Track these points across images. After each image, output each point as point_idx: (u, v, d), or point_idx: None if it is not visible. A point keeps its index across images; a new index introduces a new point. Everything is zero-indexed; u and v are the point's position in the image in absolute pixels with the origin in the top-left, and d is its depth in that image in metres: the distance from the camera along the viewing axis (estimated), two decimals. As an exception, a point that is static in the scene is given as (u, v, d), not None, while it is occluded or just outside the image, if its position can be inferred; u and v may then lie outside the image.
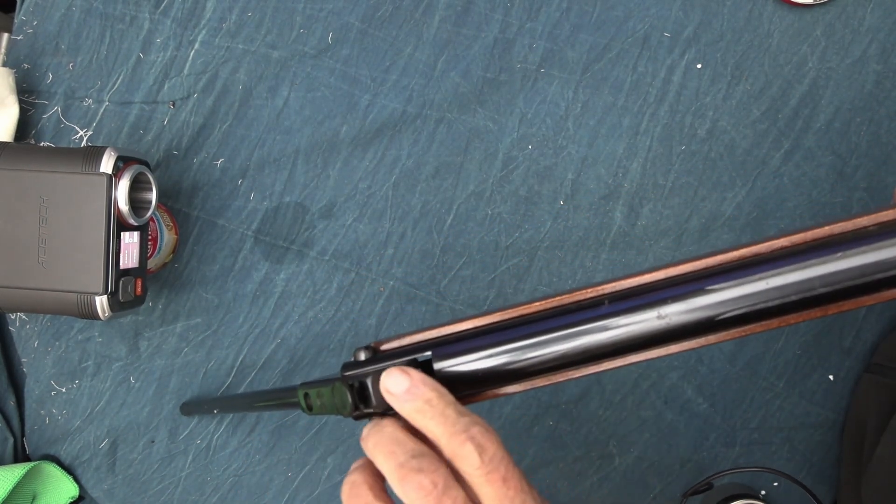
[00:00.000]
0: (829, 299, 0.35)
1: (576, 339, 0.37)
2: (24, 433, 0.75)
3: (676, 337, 0.36)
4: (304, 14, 0.69)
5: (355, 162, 0.70)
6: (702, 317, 0.35)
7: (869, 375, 0.67)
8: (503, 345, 0.37)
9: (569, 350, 0.37)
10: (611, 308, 0.36)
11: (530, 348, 0.37)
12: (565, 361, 0.37)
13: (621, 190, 0.69)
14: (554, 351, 0.37)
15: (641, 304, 0.36)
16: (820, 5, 0.66)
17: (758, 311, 0.35)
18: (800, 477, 0.71)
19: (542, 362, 0.37)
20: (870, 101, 0.67)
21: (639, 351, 0.37)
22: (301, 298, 0.71)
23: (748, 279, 0.35)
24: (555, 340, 0.37)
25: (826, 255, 0.34)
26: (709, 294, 0.35)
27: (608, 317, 0.36)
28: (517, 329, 0.38)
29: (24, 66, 0.70)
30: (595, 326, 0.36)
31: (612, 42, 0.68)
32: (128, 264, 0.59)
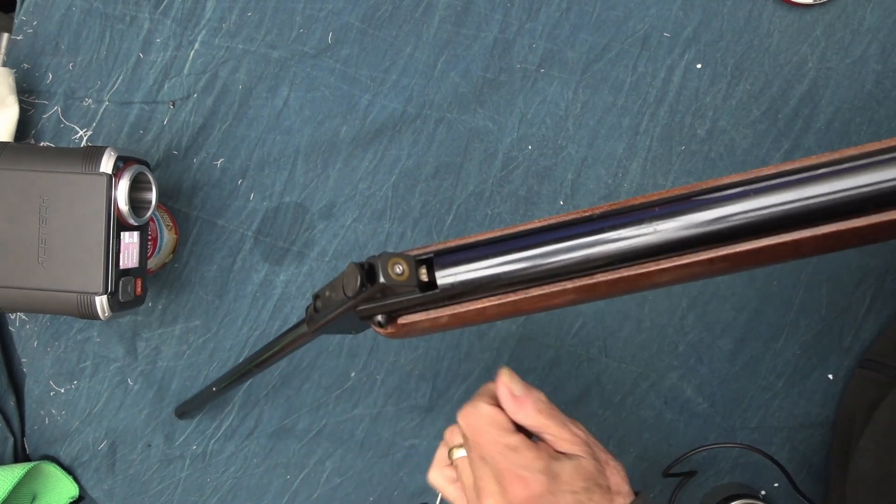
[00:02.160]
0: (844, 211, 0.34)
1: (565, 242, 0.38)
2: (24, 433, 0.75)
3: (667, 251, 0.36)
4: (304, 14, 0.69)
5: (355, 162, 0.70)
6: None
7: (861, 371, 0.67)
8: (502, 249, 0.39)
9: (559, 251, 0.38)
10: (603, 223, 0.37)
11: (525, 250, 0.39)
12: (558, 268, 0.38)
13: (621, 190, 0.69)
14: (547, 252, 0.38)
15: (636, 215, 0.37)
16: (820, 5, 0.66)
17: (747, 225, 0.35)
18: (800, 477, 0.71)
19: (538, 265, 0.38)
20: (870, 100, 0.67)
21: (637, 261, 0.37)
22: (301, 300, 0.71)
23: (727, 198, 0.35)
24: (548, 243, 0.38)
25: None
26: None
27: (601, 230, 0.37)
28: (514, 240, 0.39)
29: (24, 66, 0.70)
30: (585, 235, 0.38)
31: (612, 42, 0.68)
32: (128, 264, 0.59)
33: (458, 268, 0.40)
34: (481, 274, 0.39)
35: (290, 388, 0.72)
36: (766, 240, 0.35)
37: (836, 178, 0.34)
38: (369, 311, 0.41)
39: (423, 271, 0.40)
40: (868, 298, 0.68)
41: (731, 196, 0.35)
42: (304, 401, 0.73)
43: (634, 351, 0.70)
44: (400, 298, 0.40)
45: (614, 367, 0.71)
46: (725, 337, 0.69)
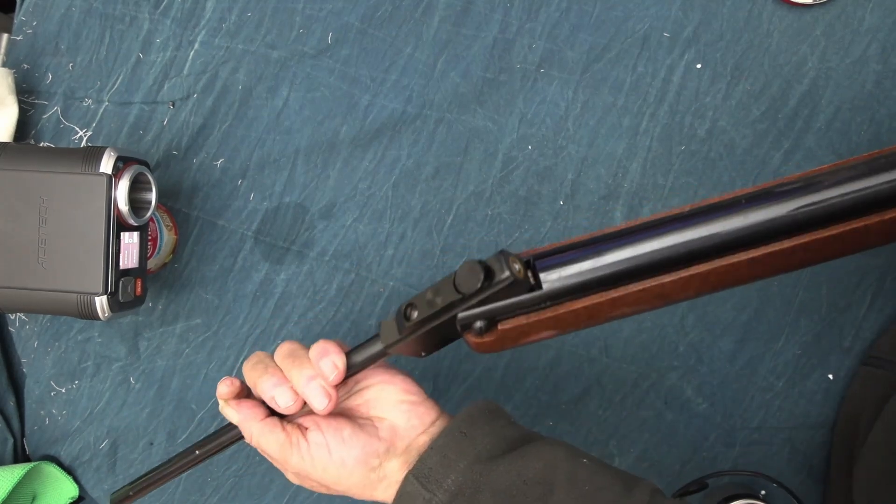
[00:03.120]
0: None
1: (658, 243, 0.41)
2: (24, 433, 0.75)
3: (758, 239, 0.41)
4: (304, 14, 0.69)
5: (355, 162, 0.70)
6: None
7: (866, 368, 0.67)
8: (598, 250, 0.41)
9: (644, 257, 0.41)
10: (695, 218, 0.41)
11: (619, 248, 0.41)
12: (653, 265, 0.41)
13: (621, 190, 0.69)
14: (643, 253, 0.41)
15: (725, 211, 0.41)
16: (820, 5, 0.66)
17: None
18: (800, 477, 0.71)
19: (631, 267, 0.41)
20: (870, 100, 0.67)
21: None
22: (301, 299, 0.71)
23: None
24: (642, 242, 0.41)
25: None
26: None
27: (693, 224, 0.41)
28: (608, 241, 0.42)
29: (24, 66, 0.70)
30: (677, 233, 0.41)
31: (612, 42, 0.68)
32: (128, 264, 0.59)
33: (559, 268, 0.41)
34: (582, 270, 0.41)
35: (291, 388, 0.72)
36: (842, 226, 0.40)
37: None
38: (472, 317, 0.41)
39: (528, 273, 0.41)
40: (868, 298, 0.68)
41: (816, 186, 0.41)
42: (304, 400, 0.73)
43: (635, 351, 0.70)
44: (504, 302, 0.41)
45: (615, 368, 0.71)
46: (726, 337, 0.69)
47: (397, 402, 0.50)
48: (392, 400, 0.50)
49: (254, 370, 0.49)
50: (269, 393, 0.48)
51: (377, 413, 0.50)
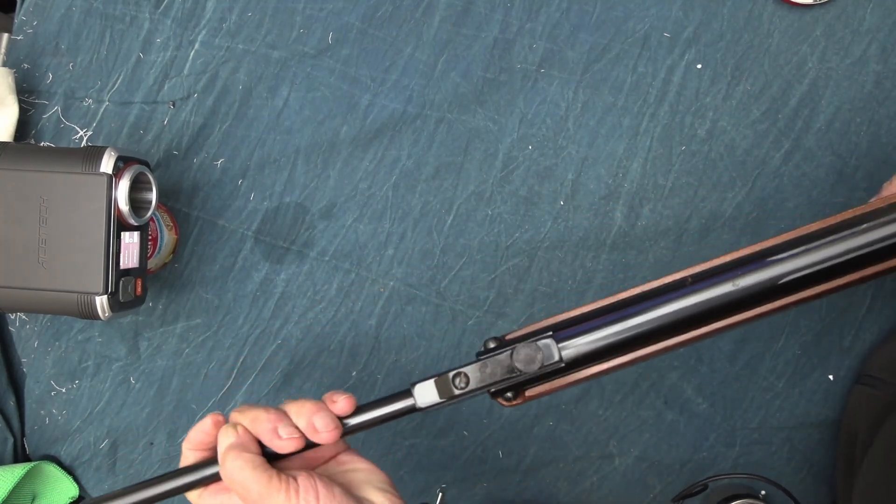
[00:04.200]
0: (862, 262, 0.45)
1: (669, 308, 0.46)
2: (24, 433, 0.75)
3: (748, 303, 0.45)
4: (304, 14, 0.69)
5: (355, 162, 0.70)
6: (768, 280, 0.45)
7: (860, 387, 0.67)
8: (611, 324, 0.46)
9: (665, 318, 0.46)
10: (693, 286, 0.46)
11: (633, 321, 0.46)
12: (662, 329, 0.46)
13: (621, 190, 0.69)
14: (652, 319, 0.46)
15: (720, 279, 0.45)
16: (820, 5, 0.66)
17: (810, 274, 0.45)
18: (800, 477, 0.71)
19: (644, 332, 0.46)
20: (870, 101, 0.67)
21: (719, 318, 0.46)
22: (301, 299, 0.71)
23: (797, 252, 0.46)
24: (653, 312, 0.46)
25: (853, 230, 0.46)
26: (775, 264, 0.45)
27: (695, 291, 0.46)
28: (619, 311, 0.46)
29: (24, 66, 0.70)
30: (685, 298, 0.46)
31: (612, 42, 0.68)
32: (128, 264, 0.59)
33: (577, 340, 0.46)
34: (599, 345, 0.46)
35: (292, 387, 0.72)
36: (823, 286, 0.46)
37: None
38: (505, 388, 0.47)
39: None
40: (868, 298, 0.68)
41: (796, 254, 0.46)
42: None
43: (634, 351, 0.70)
44: (531, 375, 0.46)
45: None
46: (725, 337, 0.69)
47: (383, 491, 0.48)
48: (378, 487, 0.49)
49: (249, 409, 0.47)
50: (269, 424, 0.46)
51: (364, 494, 0.48)
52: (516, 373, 0.45)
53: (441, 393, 0.47)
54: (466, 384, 0.46)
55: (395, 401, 0.48)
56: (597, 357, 0.46)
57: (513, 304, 0.70)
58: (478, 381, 0.46)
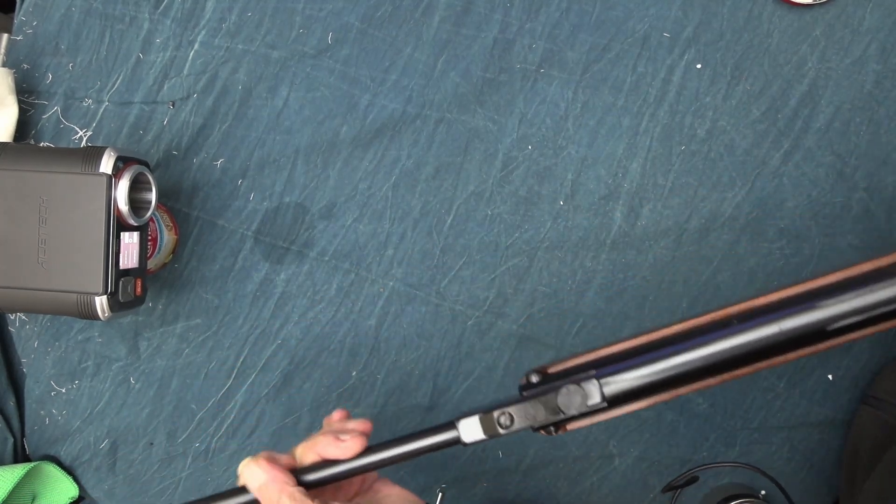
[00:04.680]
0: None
1: (713, 349, 0.45)
2: (24, 433, 0.75)
3: (792, 346, 0.44)
4: (304, 14, 0.69)
5: (355, 162, 0.70)
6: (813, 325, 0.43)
7: (866, 408, 0.67)
8: (654, 363, 0.46)
9: (707, 359, 0.45)
10: (739, 326, 0.45)
11: (675, 362, 0.45)
12: (705, 370, 0.45)
13: (621, 190, 0.69)
14: (696, 359, 0.45)
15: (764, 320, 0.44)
16: (820, 5, 0.66)
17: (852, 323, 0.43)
18: (800, 477, 0.71)
19: (685, 372, 0.45)
20: (869, 101, 0.67)
21: (763, 359, 0.45)
22: (301, 299, 0.71)
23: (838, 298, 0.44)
24: (695, 354, 0.45)
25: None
26: (819, 309, 0.44)
27: (739, 332, 0.44)
28: (663, 350, 0.46)
29: (24, 66, 0.70)
30: (730, 339, 0.45)
31: (612, 42, 0.68)
32: (128, 264, 0.59)
33: (620, 378, 0.46)
34: (641, 383, 0.46)
35: (292, 387, 0.73)
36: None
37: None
38: (549, 424, 0.47)
39: None
40: (868, 298, 0.68)
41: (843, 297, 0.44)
42: (305, 399, 0.73)
43: (634, 351, 0.70)
44: (575, 416, 0.47)
45: (614, 367, 0.71)
46: (725, 337, 0.69)
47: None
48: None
49: (300, 446, 0.50)
50: (328, 437, 0.49)
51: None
52: (560, 414, 0.46)
53: (486, 430, 0.48)
54: (511, 423, 0.47)
55: (438, 433, 0.49)
56: (638, 396, 0.46)
57: (513, 304, 0.70)
58: (522, 421, 0.47)
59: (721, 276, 0.69)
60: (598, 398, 0.46)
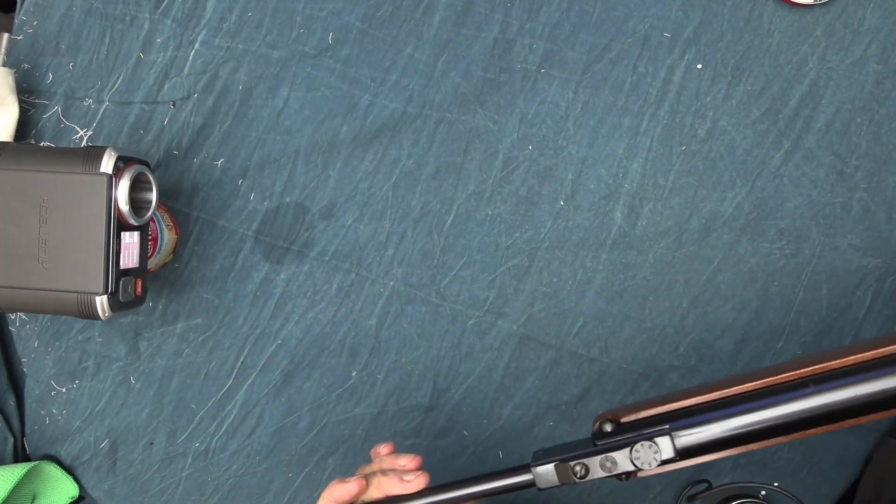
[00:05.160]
0: None
1: (789, 410, 0.46)
2: (24, 433, 0.75)
3: (868, 410, 0.45)
4: (304, 14, 0.69)
5: (355, 162, 0.70)
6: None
7: (892, 440, 0.67)
8: (727, 419, 0.47)
9: (782, 419, 0.46)
10: (816, 388, 0.45)
11: (750, 420, 0.46)
12: (776, 429, 0.46)
13: (621, 190, 0.69)
14: (768, 420, 0.46)
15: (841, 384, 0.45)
16: (820, 5, 0.66)
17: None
18: (800, 477, 0.71)
19: (759, 430, 0.46)
20: (870, 101, 0.67)
21: (840, 420, 0.46)
22: (301, 299, 0.71)
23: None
24: (770, 413, 0.46)
25: None
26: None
27: (815, 395, 0.45)
28: (737, 406, 0.47)
29: (24, 66, 0.70)
30: (806, 401, 0.46)
31: (612, 42, 0.68)
32: (128, 264, 0.59)
33: (693, 433, 0.47)
34: (713, 440, 0.47)
35: (292, 387, 0.73)
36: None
37: None
38: (623, 475, 0.48)
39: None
40: (868, 298, 0.68)
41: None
42: (305, 399, 0.73)
43: (635, 351, 0.70)
44: (648, 468, 0.48)
45: (615, 368, 0.71)
46: (726, 337, 0.69)
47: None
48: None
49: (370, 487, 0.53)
50: (393, 479, 0.52)
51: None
52: (633, 468, 0.47)
53: (561, 478, 0.49)
54: (586, 474, 0.49)
55: (512, 475, 0.51)
56: (709, 450, 0.47)
57: (513, 304, 0.70)
58: (596, 472, 0.48)
59: (721, 276, 0.69)
60: (671, 454, 0.47)
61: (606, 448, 0.48)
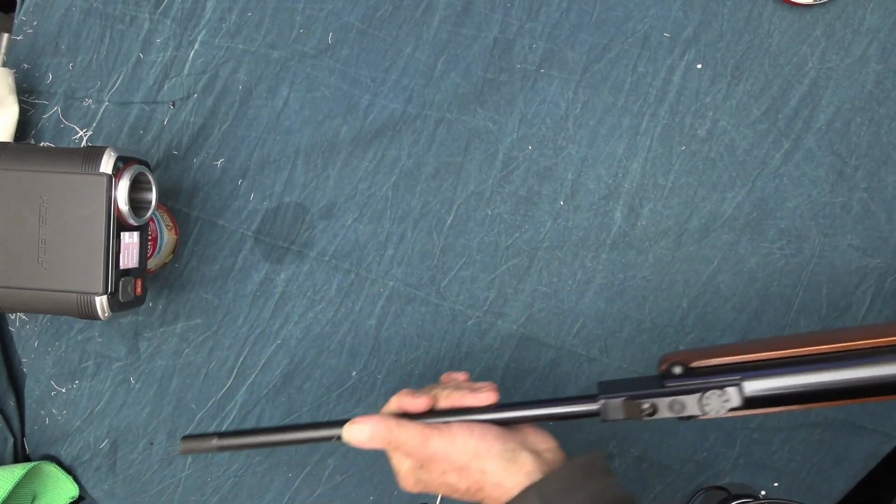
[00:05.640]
0: None
1: (855, 374, 0.47)
2: (24, 433, 0.75)
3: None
4: (304, 14, 0.69)
5: (355, 162, 0.70)
6: None
7: None
8: (798, 376, 0.48)
9: (855, 382, 0.47)
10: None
11: (818, 378, 0.48)
12: (843, 392, 0.47)
13: (621, 190, 0.69)
14: (836, 381, 0.47)
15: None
16: (820, 5, 0.66)
17: None
18: (800, 477, 0.71)
19: (829, 390, 0.48)
20: (870, 101, 0.67)
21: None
22: (301, 299, 0.71)
23: None
24: (837, 374, 0.48)
25: None
26: None
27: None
28: (810, 365, 0.48)
29: (24, 66, 0.70)
30: (879, 369, 0.47)
31: (612, 42, 0.68)
32: (128, 264, 0.59)
33: (761, 385, 0.49)
34: (779, 394, 0.48)
35: (292, 387, 0.73)
36: None
37: None
38: (689, 417, 0.50)
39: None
40: (868, 298, 0.68)
41: None
42: (305, 399, 0.73)
43: (635, 351, 0.70)
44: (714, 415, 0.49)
45: (615, 368, 0.71)
46: (726, 337, 0.69)
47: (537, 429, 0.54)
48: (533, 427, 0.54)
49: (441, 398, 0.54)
50: (463, 391, 0.53)
51: (520, 428, 0.54)
52: (701, 413, 0.49)
53: (627, 413, 0.51)
54: (654, 412, 0.50)
55: (579, 403, 0.52)
56: (774, 404, 0.49)
57: (513, 304, 0.70)
58: (663, 413, 0.50)
59: (721, 276, 0.69)
60: (738, 403, 0.48)
61: (676, 391, 0.49)
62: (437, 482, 0.51)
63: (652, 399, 0.50)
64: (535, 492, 0.46)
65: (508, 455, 0.49)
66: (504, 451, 0.49)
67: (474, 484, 0.49)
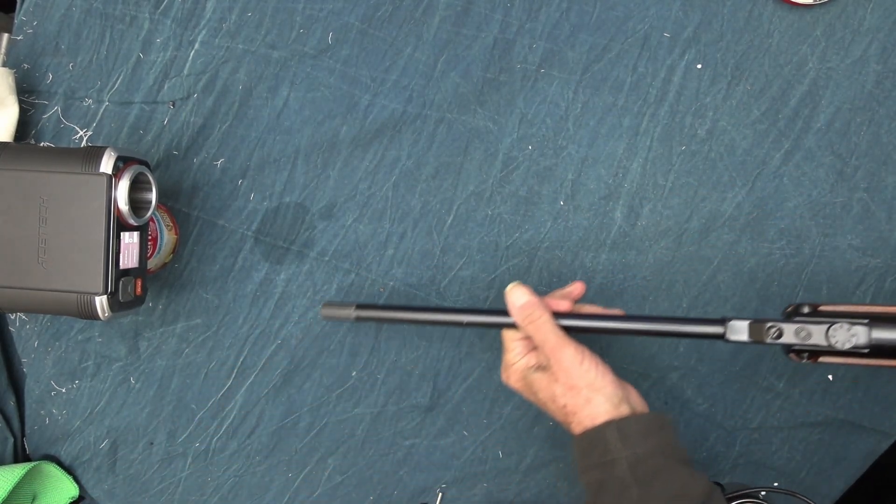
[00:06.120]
0: None
1: None
2: (24, 433, 0.75)
3: None
4: (304, 14, 0.69)
5: (355, 162, 0.70)
6: None
7: None
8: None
9: None
10: None
11: None
12: None
13: (621, 190, 0.69)
14: None
15: None
16: (820, 5, 0.66)
17: None
18: (800, 476, 0.71)
19: None
20: (870, 101, 0.67)
21: None
22: (301, 299, 0.71)
23: None
24: None
25: None
26: None
27: None
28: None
29: (24, 66, 0.70)
30: None
31: (612, 42, 0.68)
32: (128, 264, 0.59)
33: (890, 331, 0.50)
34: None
35: (292, 387, 0.73)
36: None
37: None
38: (807, 352, 0.52)
39: None
40: (868, 298, 0.68)
41: None
42: (305, 399, 0.73)
43: (635, 351, 0.70)
44: (837, 351, 0.51)
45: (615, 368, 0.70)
46: (725, 337, 0.69)
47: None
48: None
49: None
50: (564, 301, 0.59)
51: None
52: (825, 345, 0.50)
53: (752, 335, 0.53)
54: (778, 337, 0.51)
55: (704, 325, 0.55)
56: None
57: (513, 304, 0.70)
58: (789, 339, 0.51)
59: (721, 276, 0.69)
60: (865, 341, 0.50)
61: (804, 321, 0.51)
62: (544, 388, 0.56)
63: (778, 324, 0.51)
64: (615, 426, 0.52)
65: (615, 400, 0.53)
66: (613, 394, 0.54)
67: (575, 406, 0.54)
